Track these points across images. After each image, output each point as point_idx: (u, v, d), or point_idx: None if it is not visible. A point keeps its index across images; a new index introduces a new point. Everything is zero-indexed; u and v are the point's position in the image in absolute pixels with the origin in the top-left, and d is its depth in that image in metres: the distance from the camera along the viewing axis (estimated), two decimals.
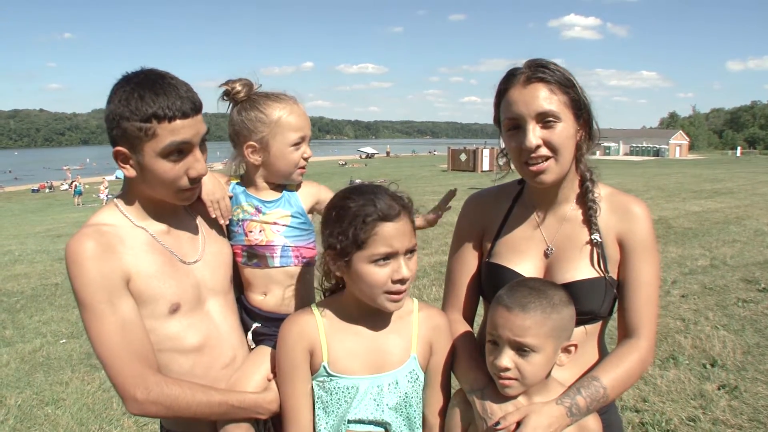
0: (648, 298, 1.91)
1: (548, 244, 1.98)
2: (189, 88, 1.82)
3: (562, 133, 1.82)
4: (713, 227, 13.47)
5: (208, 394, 1.85)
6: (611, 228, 1.93)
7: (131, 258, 1.82)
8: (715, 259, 10.12)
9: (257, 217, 2.11)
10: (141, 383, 1.75)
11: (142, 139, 1.75)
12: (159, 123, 1.74)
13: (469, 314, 2.14)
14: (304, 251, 2.12)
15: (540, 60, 1.86)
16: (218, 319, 2.01)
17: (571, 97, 1.82)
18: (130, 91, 1.75)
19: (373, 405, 1.82)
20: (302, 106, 2.12)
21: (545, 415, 1.71)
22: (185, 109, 1.77)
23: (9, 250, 15.25)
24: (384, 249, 1.72)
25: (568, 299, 1.77)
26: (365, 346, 1.86)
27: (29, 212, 35.30)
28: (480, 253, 2.12)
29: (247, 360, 2.06)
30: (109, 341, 1.75)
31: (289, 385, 1.88)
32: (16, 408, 5.35)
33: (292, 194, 2.15)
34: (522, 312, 1.69)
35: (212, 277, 2.01)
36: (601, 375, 1.82)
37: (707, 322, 6.76)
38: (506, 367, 1.71)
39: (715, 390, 5.06)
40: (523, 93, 1.82)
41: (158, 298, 1.85)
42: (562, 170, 1.88)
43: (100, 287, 1.73)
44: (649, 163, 59.54)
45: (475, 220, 2.14)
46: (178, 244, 1.96)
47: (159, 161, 1.78)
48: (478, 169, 44.79)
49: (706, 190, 22.66)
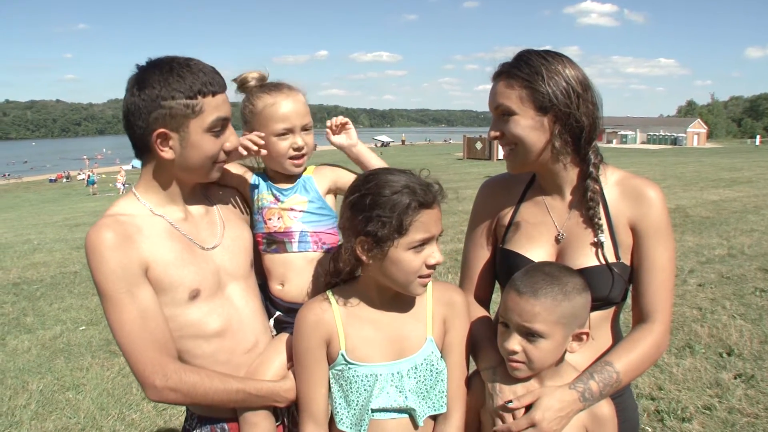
0: (662, 282, 1.91)
1: (559, 230, 1.99)
2: (213, 68, 1.90)
3: (515, 127, 1.89)
4: (731, 216, 13.32)
5: (226, 382, 1.88)
6: (622, 213, 1.93)
7: (149, 246, 1.84)
8: (733, 248, 10.02)
9: (276, 205, 2.14)
10: (160, 371, 1.78)
11: (188, 117, 1.82)
12: (204, 98, 1.82)
13: (485, 298, 2.16)
14: (324, 237, 2.14)
15: (522, 54, 1.92)
16: (240, 304, 2.03)
17: (531, 92, 1.85)
18: (166, 73, 1.81)
19: (395, 392, 1.82)
20: (300, 96, 2.13)
21: (557, 399, 1.73)
22: (222, 83, 1.89)
23: (28, 239, 15.43)
24: (423, 235, 1.73)
25: (583, 286, 1.76)
26: (383, 332, 1.85)
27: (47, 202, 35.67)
28: (494, 239, 2.14)
29: (267, 347, 2.07)
30: (128, 330, 1.78)
31: (305, 374, 1.88)
32: (38, 393, 5.45)
33: (308, 179, 2.18)
34: (532, 297, 1.69)
35: (232, 262, 2.03)
36: (615, 360, 1.83)
37: (724, 312, 6.72)
38: (514, 350, 1.73)
39: (732, 379, 5.03)
40: (493, 87, 1.95)
41: (177, 285, 1.87)
42: (526, 160, 1.94)
43: (120, 277, 1.76)
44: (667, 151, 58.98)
45: (489, 207, 2.16)
46: (197, 231, 1.99)
47: (205, 137, 1.85)
48: (494, 157, 44.51)
49: (724, 179, 22.40)
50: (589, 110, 1.88)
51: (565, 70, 1.87)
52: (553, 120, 1.87)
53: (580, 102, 1.86)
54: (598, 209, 1.92)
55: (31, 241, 15.19)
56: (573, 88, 1.86)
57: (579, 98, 1.86)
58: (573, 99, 1.85)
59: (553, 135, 1.88)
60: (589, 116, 1.88)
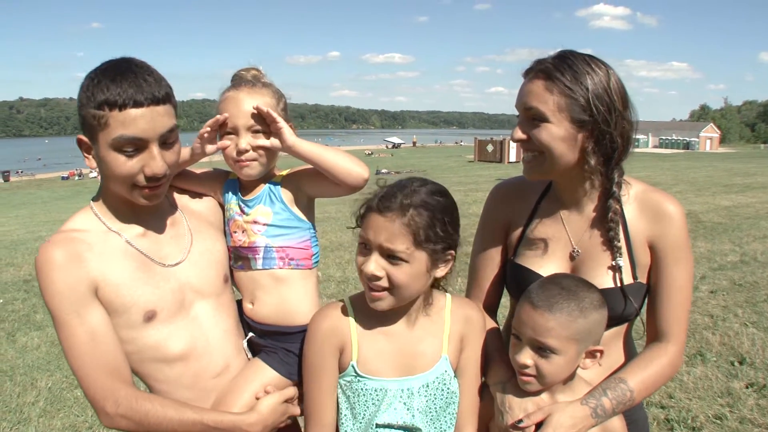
0: (680, 303, 1.85)
1: (574, 247, 1.91)
2: (156, 77, 1.69)
3: (545, 135, 1.74)
4: (744, 222, 13.19)
5: (181, 411, 1.75)
6: (641, 232, 1.85)
7: (99, 265, 1.74)
8: (746, 254, 9.92)
9: (241, 217, 1.96)
10: (110, 396, 1.70)
11: (95, 128, 1.66)
12: (110, 111, 1.62)
13: (492, 306, 2.11)
14: (292, 252, 1.94)
15: (565, 55, 1.76)
16: (207, 325, 1.90)
17: (570, 102, 1.71)
18: (92, 77, 1.67)
19: (403, 409, 1.77)
20: (259, 97, 1.88)
21: (569, 415, 1.69)
22: (138, 97, 1.63)
23: (40, 236, 15.51)
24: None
25: (600, 302, 1.71)
26: (396, 347, 1.80)
27: (59, 199, 35.87)
28: (504, 247, 2.06)
29: (238, 375, 1.94)
30: (78, 353, 1.70)
31: (315, 382, 1.82)
32: (46, 390, 5.46)
33: (275, 187, 1.97)
34: (547, 312, 1.65)
35: (200, 278, 1.90)
36: (629, 377, 1.78)
37: (736, 319, 6.64)
38: (525, 364, 1.69)
39: (743, 388, 4.97)
40: (526, 86, 1.78)
41: (129, 306, 1.76)
42: (549, 170, 1.81)
43: (66, 298, 1.68)
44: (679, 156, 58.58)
45: (501, 213, 2.07)
46: (157, 247, 1.86)
47: (111, 153, 1.67)
48: (505, 160, 44.56)
49: (737, 184, 22.21)
50: (625, 130, 1.77)
51: (610, 82, 1.74)
52: (587, 135, 1.75)
53: (618, 121, 1.74)
54: (618, 230, 1.83)
55: (43, 238, 15.24)
56: (615, 106, 1.73)
57: (619, 116, 1.74)
58: (613, 117, 1.73)
59: (585, 152, 1.76)
60: (624, 136, 1.77)
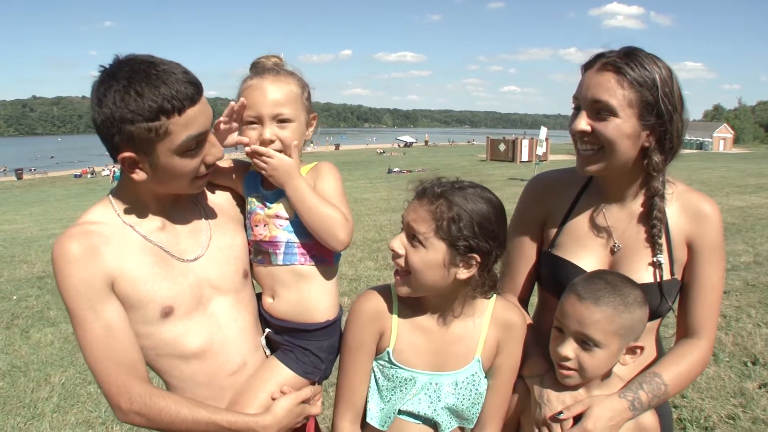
0: (712, 301, 1.88)
1: (615, 241, 1.91)
2: (184, 68, 1.64)
3: (612, 129, 1.73)
4: (757, 223, 13.08)
5: (195, 411, 1.72)
6: (681, 230, 1.87)
7: (116, 259, 1.69)
8: (759, 255, 9.84)
9: (262, 211, 1.91)
10: (125, 393, 1.68)
11: (153, 141, 1.60)
12: (169, 118, 1.57)
13: (524, 300, 2.11)
14: (313, 248, 1.88)
15: (632, 51, 1.75)
16: (225, 321, 1.86)
17: (640, 98, 1.71)
18: (123, 89, 1.56)
19: (427, 401, 1.80)
20: (284, 85, 1.84)
21: (608, 408, 1.71)
22: (191, 93, 1.60)
23: (53, 234, 15.62)
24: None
25: (643, 300, 1.72)
26: (432, 343, 1.81)
27: (72, 197, 36.10)
28: (540, 241, 2.05)
29: (254, 374, 1.90)
30: (92, 348, 1.67)
31: (352, 363, 1.85)
32: (60, 386, 5.51)
33: None
34: (593, 305, 1.66)
35: (218, 274, 1.86)
36: (663, 371, 1.81)
37: (749, 320, 6.60)
38: (567, 356, 1.70)
39: (756, 389, 4.94)
40: (593, 77, 1.75)
41: (147, 301, 1.72)
42: (608, 166, 1.79)
43: (82, 293, 1.65)
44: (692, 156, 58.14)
45: (538, 207, 2.05)
46: (175, 241, 1.82)
47: (176, 159, 1.65)
48: (517, 159, 44.39)
49: (751, 184, 22.02)
50: (680, 130, 1.78)
51: (674, 83, 1.75)
52: (650, 133, 1.76)
53: (678, 119, 1.76)
54: (661, 228, 1.85)
55: (56, 235, 15.23)
56: (676, 105, 1.75)
57: (679, 115, 1.76)
58: (675, 116, 1.75)
59: (648, 149, 1.77)
60: (679, 136, 1.79)
